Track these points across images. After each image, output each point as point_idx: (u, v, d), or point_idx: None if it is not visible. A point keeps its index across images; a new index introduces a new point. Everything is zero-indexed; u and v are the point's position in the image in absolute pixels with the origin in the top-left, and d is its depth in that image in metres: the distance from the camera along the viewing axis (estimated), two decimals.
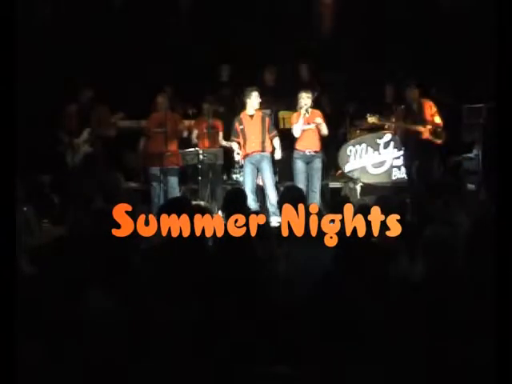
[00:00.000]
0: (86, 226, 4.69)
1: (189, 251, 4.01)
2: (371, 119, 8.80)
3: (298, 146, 8.60)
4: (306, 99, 8.51)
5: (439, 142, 8.57)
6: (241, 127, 8.57)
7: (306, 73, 9.83)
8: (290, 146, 8.71)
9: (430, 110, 8.60)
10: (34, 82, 8.05)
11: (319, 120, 8.42)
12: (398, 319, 3.49)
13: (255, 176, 8.62)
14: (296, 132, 8.52)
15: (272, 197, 8.41)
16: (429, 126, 8.54)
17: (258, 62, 9.84)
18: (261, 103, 8.56)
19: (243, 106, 8.61)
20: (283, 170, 9.14)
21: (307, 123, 8.51)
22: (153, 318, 3.50)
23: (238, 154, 8.77)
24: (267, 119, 8.62)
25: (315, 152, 8.57)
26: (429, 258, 3.94)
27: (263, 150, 8.54)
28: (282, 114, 9.34)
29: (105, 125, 8.58)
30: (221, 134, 9.30)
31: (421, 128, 8.52)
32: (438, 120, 8.57)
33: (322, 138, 8.60)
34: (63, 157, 8.43)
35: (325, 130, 8.53)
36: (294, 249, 4.42)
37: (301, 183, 8.34)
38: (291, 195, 5.15)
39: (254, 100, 8.47)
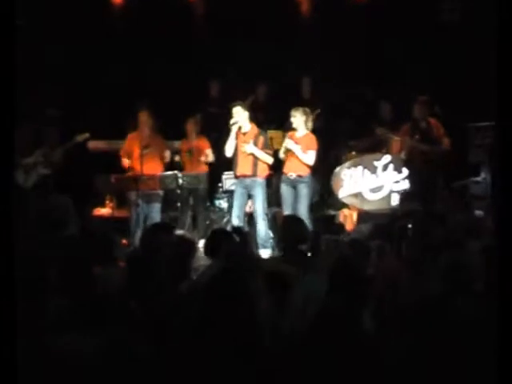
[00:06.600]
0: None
1: None
2: (380, 130, 8.44)
3: (284, 168, 7.99)
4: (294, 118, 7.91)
5: (445, 164, 8.13)
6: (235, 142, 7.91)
7: (302, 90, 9.45)
8: (278, 168, 8.10)
9: (438, 131, 8.25)
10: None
11: (291, 145, 7.77)
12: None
13: (245, 201, 7.92)
14: (280, 154, 7.94)
15: (261, 229, 7.75)
16: (436, 147, 8.15)
17: (248, 78, 9.45)
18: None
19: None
20: (273, 195, 8.45)
21: (295, 143, 7.83)
22: None
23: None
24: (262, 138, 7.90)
25: (299, 176, 7.84)
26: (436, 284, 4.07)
27: (254, 175, 7.82)
28: (270, 133, 8.62)
29: (53, 148, 8.32)
30: (208, 152, 8.67)
31: (428, 147, 8.15)
32: (446, 142, 8.20)
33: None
34: (19, 179, 7.97)
35: (308, 160, 7.81)
36: None
37: (286, 209, 7.76)
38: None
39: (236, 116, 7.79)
